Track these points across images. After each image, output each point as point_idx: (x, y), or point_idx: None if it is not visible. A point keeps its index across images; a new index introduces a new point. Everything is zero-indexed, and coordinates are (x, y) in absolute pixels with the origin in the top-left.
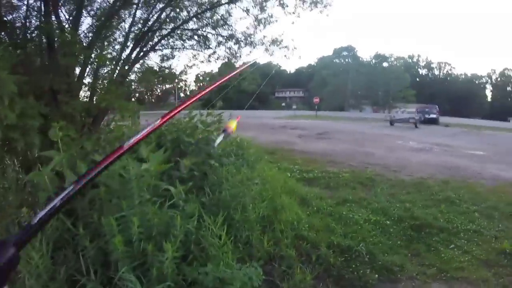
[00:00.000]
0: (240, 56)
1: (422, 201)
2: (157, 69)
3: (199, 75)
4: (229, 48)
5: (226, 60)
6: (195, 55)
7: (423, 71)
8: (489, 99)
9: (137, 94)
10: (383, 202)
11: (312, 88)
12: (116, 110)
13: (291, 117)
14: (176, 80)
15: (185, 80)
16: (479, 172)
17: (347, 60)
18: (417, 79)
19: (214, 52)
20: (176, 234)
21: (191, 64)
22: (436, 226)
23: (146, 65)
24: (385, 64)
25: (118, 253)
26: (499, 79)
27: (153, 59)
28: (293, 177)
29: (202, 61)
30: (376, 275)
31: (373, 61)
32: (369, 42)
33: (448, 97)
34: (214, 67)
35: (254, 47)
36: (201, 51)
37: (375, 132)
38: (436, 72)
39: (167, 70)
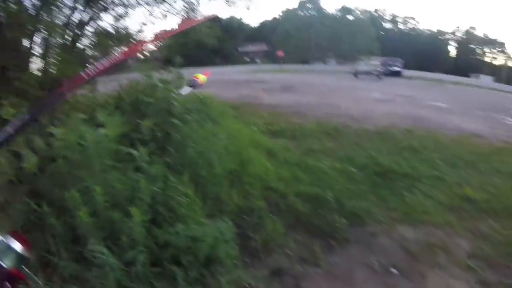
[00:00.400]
0: (199, 10)
1: (386, 149)
2: (112, 31)
3: (158, 34)
4: (187, 2)
5: (185, 15)
6: (150, 12)
7: (388, 25)
8: (452, 55)
9: (92, 60)
10: (348, 151)
11: (276, 42)
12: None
13: (255, 72)
14: (133, 41)
15: (142, 40)
16: (441, 122)
17: (311, 12)
18: (382, 33)
19: (171, 7)
20: (143, 198)
21: (146, 22)
22: (400, 172)
23: (99, 28)
24: (350, 17)
25: (85, 226)
26: (463, 36)
27: (106, 20)
28: (259, 131)
29: (159, 18)
30: (344, 220)
31: (338, 14)
32: None
33: (412, 52)
34: (174, 25)
35: None
36: (157, 6)
37: (340, 85)
38: (401, 26)
39: (122, 31)
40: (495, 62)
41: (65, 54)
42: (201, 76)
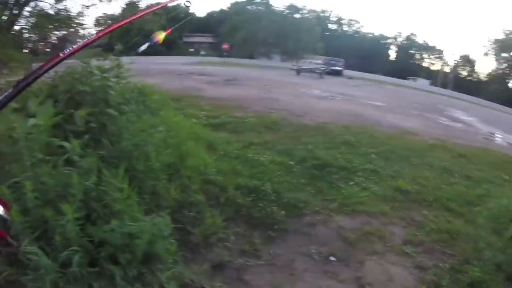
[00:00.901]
0: None
1: (323, 143)
2: (52, 12)
3: (99, 18)
4: None
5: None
6: None
7: (333, 26)
8: (393, 58)
9: (29, 44)
10: (287, 145)
11: (223, 34)
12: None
13: (199, 63)
14: (74, 24)
15: (83, 24)
16: (378, 120)
17: (260, 8)
18: (327, 33)
19: None
20: (74, 194)
21: (89, 4)
22: (337, 166)
23: (38, 8)
24: (297, 16)
25: (17, 225)
26: (404, 42)
27: (46, 1)
28: (199, 123)
29: (102, 1)
30: (283, 212)
31: (286, 11)
32: None
33: (355, 53)
34: (116, 9)
35: None
36: None
37: (282, 80)
38: (346, 28)
39: (63, 13)
40: (433, 67)
41: (0, 34)
42: (160, 35)
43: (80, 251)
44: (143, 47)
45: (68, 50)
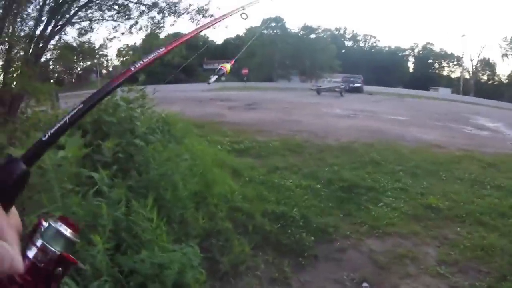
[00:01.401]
0: (164, 26)
1: (349, 164)
2: (76, 45)
3: (121, 49)
4: (152, 18)
5: (148, 31)
6: (115, 27)
7: (349, 43)
8: (411, 70)
9: (55, 75)
10: (312, 167)
11: (241, 59)
12: (30, 94)
13: (220, 89)
14: (97, 56)
15: (106, 55)
16: (401, 135)
17: (275, 31)
18: (343, 51)
19: (136, 23)
20: (104, 224)
21: (111, 37)
22: (364, 186)
23: (62, 41)
24: (312, 36)
25: None
26: (421, 52)
27: (70, 34)
28: (223, 149)
29: (123, 33)
30: (312, 237)
31: (301, 32)
32: (298, 14)
33: (372, 68)
34: (136, 39)
35: (178, 17)
36: (122, 22)
37: (303, 101)
38: (362, 44)
39: (86, 45)
40: (453, 75)
41: (25, 67)
42: (227, 65)
43: (110, 281)
44: (213, 77)
45: (138, 64)
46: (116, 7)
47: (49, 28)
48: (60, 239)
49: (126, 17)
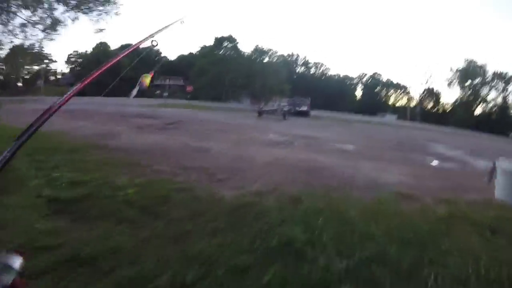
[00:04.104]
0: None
1: (235, 254)
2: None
3: (70, 56)
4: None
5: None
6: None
7: (301, 69)
8: (359, 97)
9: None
10: (149, 263)
11: (192, 77)
12: None
13: (160, 106)
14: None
15: (56, 61)
16: (350, 176)
17: (228, 52)
18: (295, 76)
19: None
20: None
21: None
22: None
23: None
24: (265, 59)
25: None
26: (369, 80)
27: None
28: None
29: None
30: None
31: (254, 55)
32: (250, 36)
33: (322, 94)
34: (88, 47)
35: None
36: None
37: (237, 123)
38: (313, 70)
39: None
40: (398, 103)
41: None
42: (146, 79)
43: None
44: (134, 91)
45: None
46: None
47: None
48: (10, 270)
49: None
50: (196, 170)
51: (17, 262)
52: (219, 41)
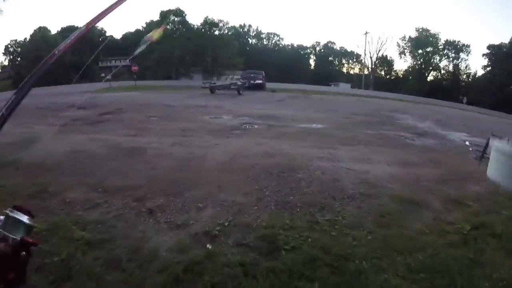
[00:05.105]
0: None
1: None
2: None
3: (9, 46)
4: None
5: None
6: None
7: (253, 41)
8: (312, 67)
9: None
10: None
11: (138, 56)
12: None
13: (104, 90)
14: None
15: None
16: (332, 174)
17: (176, 26)
18: (247, 48)
19: None
20: None
21: None
22: None
23: None
24: (215, 32)
25: None
26: (322, 50)
27: None
28: None
29: None
30: None
31: (203, 27)
32: (200, 8)
33: (276, 66)
34: (26, 35)
35: None
36: None
37: (186, 104)
38: (266, 42)
39: None
40: (352, 71)
41: None
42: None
43: None
44: (139, 49)
45: (61, 47)
46: None
47: None
48: (20, 226)
49: None
50: (122, 192)
51: (25, 218)
52: (165, 15)
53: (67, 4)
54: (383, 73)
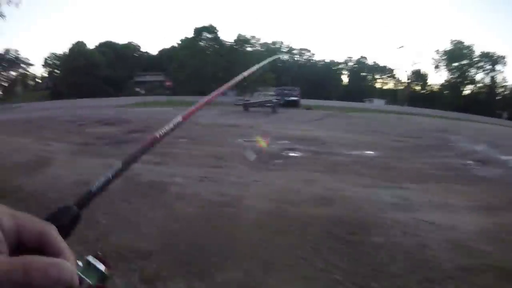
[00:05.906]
0: None
1: None
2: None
3: (48, 59)
4: None
5: None
6: None
7: (285, 57)
8: (345, 82)
9: None
10: None
11: (172, 71)
12: None
13: (137, 105)
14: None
15: (33, 65)
16: (413, 229)
17: (209, 43)
18: (279, 64)
19: None
20: None
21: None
22: None
23: None
24: (248, 48)
25: None
26: (355, 65)
27: None
28: None
29: None
30: None
31: (235, 45)
32: (232, 25)
33: (308, 81)
34: (65, 48)
35: None
36: None
37: (218, 123)
38: (297, 58)
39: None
40: (385, 87)
41: None
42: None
43: None
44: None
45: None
46: None
47: None
48: (96, 273)
49: None
50: (124, 262)
51: (102, 267)
52: (198, 31)
53: (104, 21)
54: (418, 87)
